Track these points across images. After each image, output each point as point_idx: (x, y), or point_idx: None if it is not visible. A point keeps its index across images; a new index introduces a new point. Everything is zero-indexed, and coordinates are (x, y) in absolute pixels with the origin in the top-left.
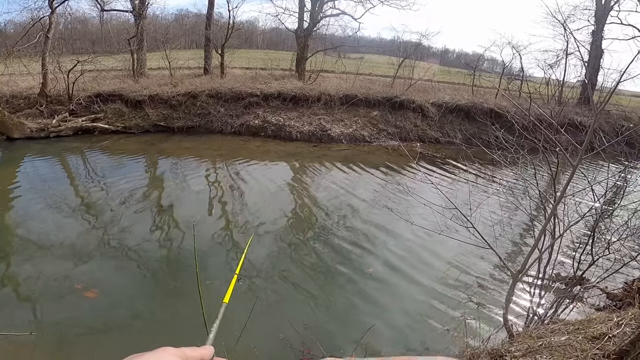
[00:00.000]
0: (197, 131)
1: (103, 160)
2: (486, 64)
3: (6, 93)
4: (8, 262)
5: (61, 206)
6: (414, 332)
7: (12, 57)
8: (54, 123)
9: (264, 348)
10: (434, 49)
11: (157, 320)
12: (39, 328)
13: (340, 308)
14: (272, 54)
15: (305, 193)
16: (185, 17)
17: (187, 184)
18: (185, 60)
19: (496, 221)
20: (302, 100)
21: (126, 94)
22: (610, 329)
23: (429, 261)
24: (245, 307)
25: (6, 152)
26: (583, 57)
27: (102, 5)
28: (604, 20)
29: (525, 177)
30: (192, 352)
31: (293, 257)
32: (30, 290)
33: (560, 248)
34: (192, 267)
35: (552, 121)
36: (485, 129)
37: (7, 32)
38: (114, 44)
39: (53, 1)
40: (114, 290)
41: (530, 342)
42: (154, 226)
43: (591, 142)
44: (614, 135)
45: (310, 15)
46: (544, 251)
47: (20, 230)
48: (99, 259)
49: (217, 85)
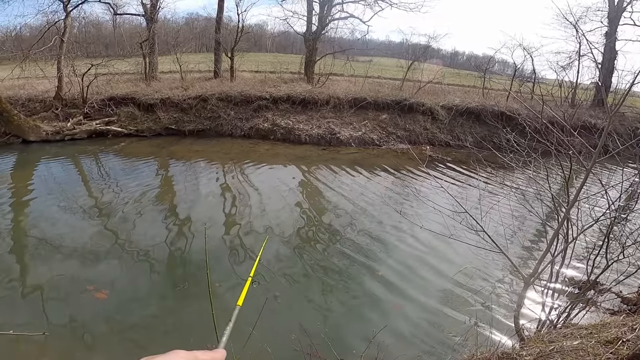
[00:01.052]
0: (208, 134)
1: (116, 163)
2: (497, 66)
3: (22, 96)
4: (22, 262)
5: (75, 208)
6: (424, 335)
7: (28, 60)
8: (68, 126)
9: (272, 350)
10: (443, 51)
11: (167, 321)
12: (52, 328)
13: (350, 310)
14: (281, 57)
15: (315, 196)
16: (195, 21)
17: (198, 187)
18: (195, 64)
19: (507, 225)
20: (311, 103)
21: (138, 97)
22: (624, 333)
23: (440, 265)
24: (255, 308)
25: (22, 154)
26: (596, 59)
27: (115, 9)
28: (617, 22)
29: (537, 180)
30: (204, 356)
31: (302, 259)
32: (43, 290)
33: (574, 252)
34: (203, 269)
35: (565, 124)
36: (496, 131)
37: (22, 35)
38: (126, 47)
39: (67, 5)
40: (126, 292)
41: (542, 346)
42: (165, 228)
43: (605, 145)
44: (628, 138)
45: (319, 18)
46: (557, 255)
47: (35, 231)
48: (110, 260)
49: (227, 88)
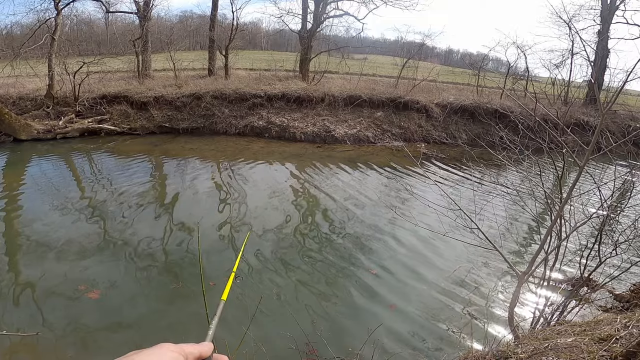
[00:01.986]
0: (202, 132)
1: (109, 162)
2: (491, 64)
3: (13, 95)
4: (14, 262)
5: (67, 207)
6: (419, 333)
7: (19, 58)
8: (60, 124)
9: (268, 347)
10: (438, 49)
11: (161, 320)
12: (44, 328)
13: (345, 308)
14: (275, 55)
15: (309, 194)
16: (189, 19)
17: (192, 185)
18: (189, 62)
19: (501, 222)
20: (306, 101)
21: (131, 95)
22: (617, 330)
23: (433, 263)
24: (250, 306)
25: (13, 153)
26: (589, 57)
27: (107, 7)
28: (610, 20)
29: (530, 178)
30: (190, 348)
31: (298, 257)
32: (34, 290)
33: (567, 249)
34: (195, 267)
35: (558, 121)
36: (490, 129)
37: (13, 34)
38: (119, 45)
39: (59, 3)
40: (118, 290)
41: (536, 344)
42: (158, 227)
43: (598, 143)
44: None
45: (314, 16)
46: (550, 252)
47: (27, 231)
48: (103, 259)
49: (222, 86)
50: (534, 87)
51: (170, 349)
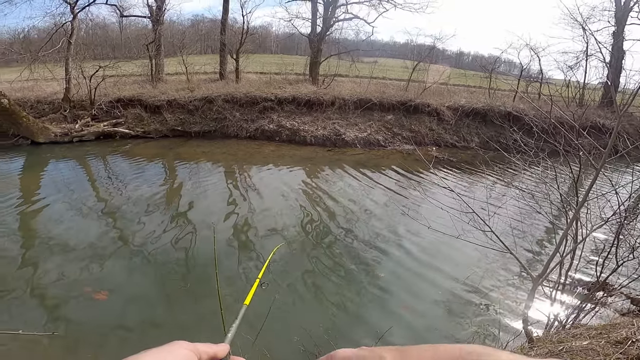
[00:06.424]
0: (214, 136)
1: (123, 165)
2: (503, 67)
3: (31, 98)
4: (31, 263)
5: (82, 209)
6: (431, 336)
7: (37, 62)
8: (77, 128)
9: (278, 349)
10: (449, 52)
11: (174, 322)
12: (59, 328)
13: (356, 311)
14: (286, 59)
15: (320, 197)
16: (200, 23)
17: (204, 188)
18: (201, 66)
19: (515, 225)
20: (316, 104)
21: (145, 99)
22: (633, 333)
23: (446, 266)
24: (262, 308)
25: (31, 156)
26: (605, 59)
27: (121, 11)
28: (624, 22)
29: (545, 181)
30: (205, 348)
31: (308, 260)
32: (50, 291)
33: (583, 253)
34: (208, 270)
35: (574, 124)
36: (502, 132)
37: (30, 37)
38: (133, 49)
39: (74, 7)
40: (133, 292)
41: (551, 347)
42: (172, 229)
43: (615, 145)
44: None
45: (323, 20)
46: (566, 255)
47: (43, 232)
48: (118, 261)
49: (233, 90)
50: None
51: (183, 346)
